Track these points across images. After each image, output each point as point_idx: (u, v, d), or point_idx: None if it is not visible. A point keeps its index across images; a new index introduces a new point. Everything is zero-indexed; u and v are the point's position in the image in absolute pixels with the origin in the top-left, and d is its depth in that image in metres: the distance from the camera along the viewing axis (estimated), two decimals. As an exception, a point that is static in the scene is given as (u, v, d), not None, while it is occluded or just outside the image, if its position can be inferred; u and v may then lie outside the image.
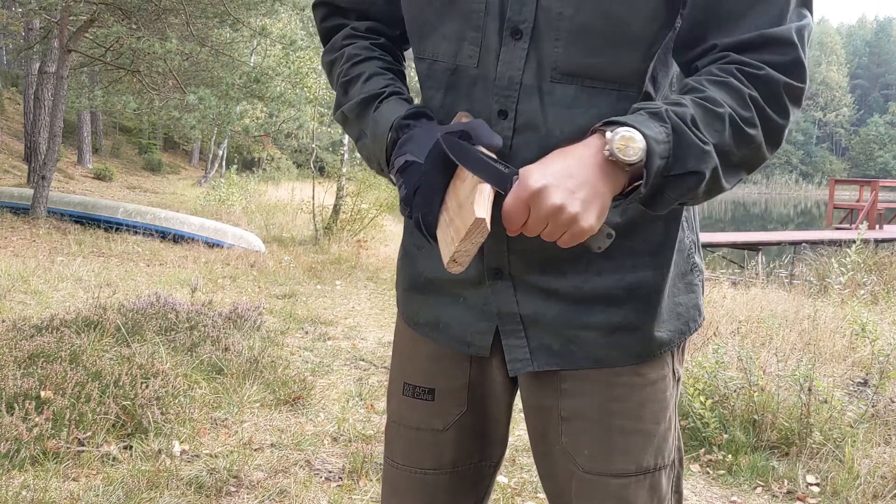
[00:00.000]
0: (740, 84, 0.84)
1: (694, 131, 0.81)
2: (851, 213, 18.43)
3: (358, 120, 1.02)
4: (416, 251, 1.09)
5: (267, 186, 20.51)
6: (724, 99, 0.83)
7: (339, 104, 1.06)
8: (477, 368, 1.07)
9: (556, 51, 0.90)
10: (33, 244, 8.03)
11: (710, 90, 0.84)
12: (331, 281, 7.46)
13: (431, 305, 1.07)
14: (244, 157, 29.39)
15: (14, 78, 25.13)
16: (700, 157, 0.82)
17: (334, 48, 1.09)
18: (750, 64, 0.85)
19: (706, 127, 0.82)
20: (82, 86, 13.16)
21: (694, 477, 2.98)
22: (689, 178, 0.82)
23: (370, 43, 1.08)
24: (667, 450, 1.02)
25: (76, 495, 2.42)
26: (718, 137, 0.83)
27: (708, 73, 0.87)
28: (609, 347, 0.98)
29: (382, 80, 1.02)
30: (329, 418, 3.35)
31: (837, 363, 4.30)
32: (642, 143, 0.79)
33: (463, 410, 1.08)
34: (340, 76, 1.06)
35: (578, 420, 1.00)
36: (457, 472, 1.10)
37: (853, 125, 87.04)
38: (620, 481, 0.99)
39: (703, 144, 0.81)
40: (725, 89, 0.84)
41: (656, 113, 0.82)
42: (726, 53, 0.87)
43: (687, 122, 0.81)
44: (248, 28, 10.49)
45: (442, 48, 0.98)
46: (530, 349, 1.00)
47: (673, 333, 1.02)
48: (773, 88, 0.85)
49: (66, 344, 3.45)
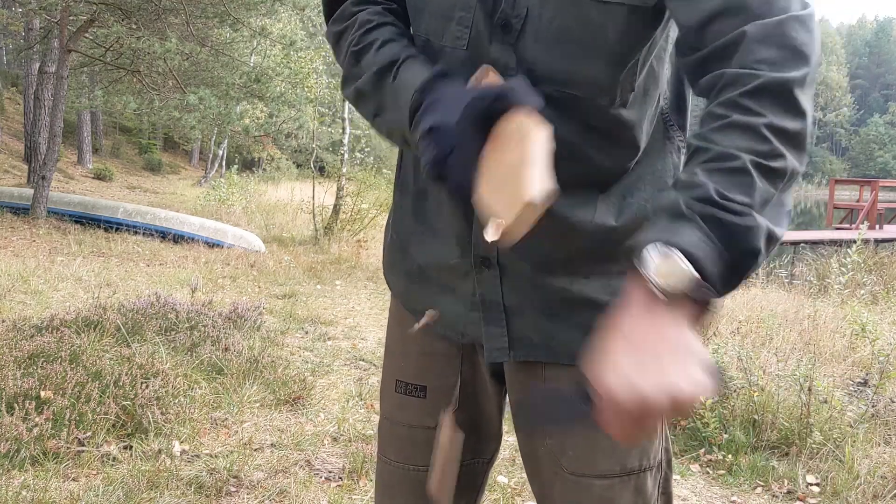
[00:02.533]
0: (747, 117, 0.74)
1: (726, 209, 0.70)
2: (851, 213, 18.42)
3: (375, 92, 0.94)
4: (407, 236, 1.08)
5: (267, 186, 20.50)
6: (736, 146, 0.73)
7: (352, 77, 0.97)
8: (469, 366, 1.08)
9: (535, 53, 0.89)
10: (33, 244, 8.03)
11: (718, 144, 0.74)
12: (331, 281, 7.46)
13: (426, 294, 1.07)
14: (244, 157, 29.38)
15: (14, 78, 25.13)
16: (745, 234, 0.70)
17: (343, 16, 1.01)
18: (746, 77, 0.75)
19: (733, 192, 0.71)
20: (82, 86, 13.17)
21: (694, 477, 2.98)
22: (749, 259, 0.71)
23: (382, 7, 1.01)
24: (652, 451, 1.02)
25: (76, 495, 2.42)
26: (749, 192, 0.71)
27: (710, 117, 0.77)
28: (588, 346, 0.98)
29: (397, 46, 0.94)
30: (329, 418, 3.35)
31: (837, 363, 4.30)
32: (685, 264, 0.67)
33: (455, 408, 1.08)
34: (351, 45, 0.97)
35: None
36: None
37: (853, 125, 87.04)
38: (604, 482, 0.99)
39: (742, 217, 0.70)
40: (734, 132, 0.74)
41: (678, 213, 0.71)
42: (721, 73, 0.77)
43: (715, 202, 0.70)
44: (248, 28, 10.49)
45: (432, 25, 0.94)
46: (510, 339, 1.00)
47: None
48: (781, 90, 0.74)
49: (66, 344, 3.45)
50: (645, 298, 0.68)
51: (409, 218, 1.07)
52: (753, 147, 0.72)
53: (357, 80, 0.96)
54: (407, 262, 1.09)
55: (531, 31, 0.88)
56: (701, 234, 0.69)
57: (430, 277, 1.06)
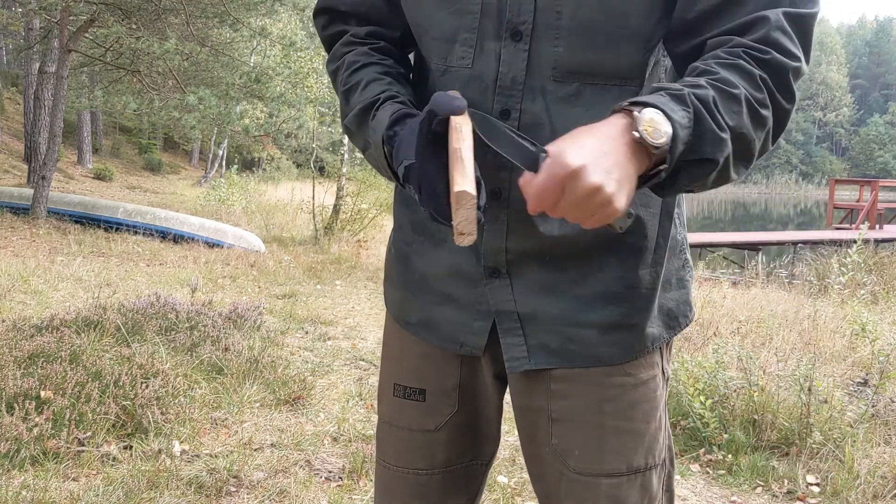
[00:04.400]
0: (750, 66, 0.83)
1: (713, 117, 0.80)
2: (851, 213, 18.43)
3: (360, 131, 1.01)
4: (407, 248, 1.09)
5: (267, 186, 20.51)
6: (737, 80, 0.82)
7: (343, 115, 1.05)
8: (467, 368, 1.08)
9: (557, 49, 0.91)
10: (33, 244, 8.03)
11: (723, 72, 0.82)
12: (331, 281, 7.46)
13: (423, 304, 1.07)
14: (244, 157, 29.40)
15: (14, 78, 25.13)
16: (716, 144, 0.80)
17: (336, 57, 1.08)
18: (755, 48, 0.84)
19: (725, 110, 0.80)
20: (82, 86, 13.17)
21: (694, 477, 2.98)
22: (704, 165, 0.81)
23: (369, 48, 1.06)
24: (657, 449, 1.02)
25: (76, 495, 2.42)
26: (737, 120, 0.81)
27: (714, 56, 0.85)
28: (606, 345, 0.98)
29: (378, 87, 1.00)
30: (329, 418, 3.35)
31: (837, 363, 4.30)
32: (669, 128, 0.76)
33: (454, 410, 1.08)
34: (342, 85, 1.05)
35: (569, 421, 1.00)
36: (449, 472, 1.11)
37: (853, 125, 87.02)
38: (611, 481, 0.99)
39: (720, 132, 0.80)
40: (737, 71, 0.83)
41: (679, 96, 0.79)
42: (729, 38, 0.86)
43: (709, 106, 0.80)
44: (248, 28, 10.49)
45: (433, 49, 0.98)
46: (528, 347, 1.00)
47: (664, 329, 1.02)
48: (781, 72, 0.84)
49: (66, 344, 3.45)
50: (622, 131, 0.77)
51: (410, 231, 1.08)
52: (750, 90, 0.82)
53: (346, 118, 1.03)
54: (407, 272, 1.09)
55: (546, 32, 0.90)
56: (688, 120, 0.78)
57: (430, 288, 1.06)
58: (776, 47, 0.84)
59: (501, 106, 0.94)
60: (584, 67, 0.91)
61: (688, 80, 0.83)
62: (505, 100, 0.93)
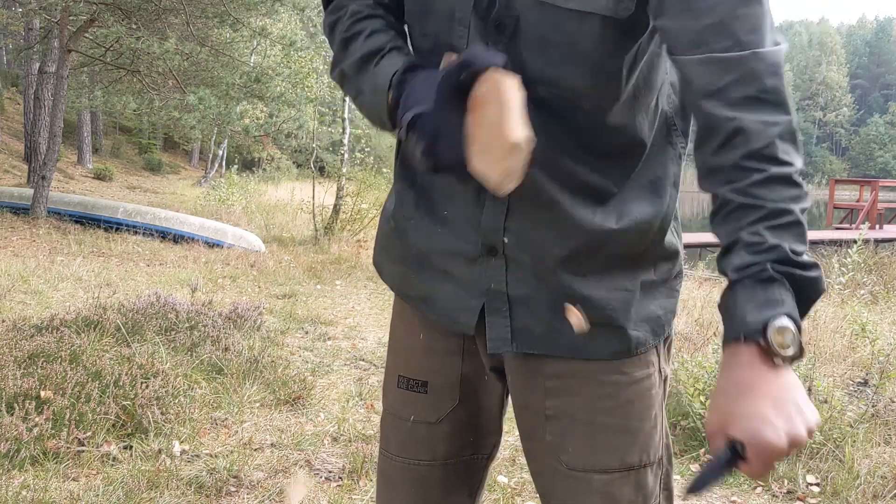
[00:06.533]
0: (781, 168, 0.82)
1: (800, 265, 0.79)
2: (851, 213, 18.43)
3: (357, 76, 1.00)
4: (406, 223, 1.08)
5: (267, 186, 20.51)
6: (783, 199, 0.81)
7: (339, 61, 1.03)
8: (469, 362, 1.09)
9: (525, 55, 0.91)
10: (33, 244, 8.03)
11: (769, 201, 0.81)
12: (331, 281, 7.46)
13: (422, 280, 1.07)
14: (244, 157, 29.38)
15: (14, 78, 25.13)
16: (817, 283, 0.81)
17: (338, 7, 1.07)
18: (764, 129, 0.82)
19: (798, 245, 0.80)
20: (82, 86, 13.16)
21: (694, 477, 2.98)
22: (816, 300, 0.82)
23: (374, 1, 1.05)
24: (653, 447, 1.03)
25: (76, 495, 2.42)
26: (805, 241, 0.82)
27: (741, 170, 0.82)
28: (588, 340, 0.99)
29: (384, 37, 1.00)
30: (329, 418, 3.35)
31: (837, 363, 4.30)
32: (795, 331, 0.77)
33: (455, 403, 1.09)
34: (342, 32, 1.03)
35: (564, 418, 1.01)
36: (450, 464, 1.12)
37: (853, 125, 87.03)
38: (604, 477, 1.00)
39: (812, 270, 0.80)
40: (777, 185, 0.81)
41: (768, 278, 0.79)
42: (733, 116, 0.83)
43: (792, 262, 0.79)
44: (248, 28, 10.49)
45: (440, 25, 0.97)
46: (512, 329, 1.01)
47: (650, 334, 1.03)
48: (794, 135, 0.83)
49: (66, 344, 3.45)
50: (759, 363, 0.78)
51: (410, 206, 1.07)
52: (794, 195, 0.81)
53: (343, 63, 1.02)
54: (405, 248, 1.09)
55: (522, 34, 0.91)
56: (791, 295, 0.78)
57: (429, 264, 1.06)
58: (744, 113, 0.82)
59: None
60: (544, 77, 0.91)
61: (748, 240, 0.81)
62: None
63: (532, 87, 0.87)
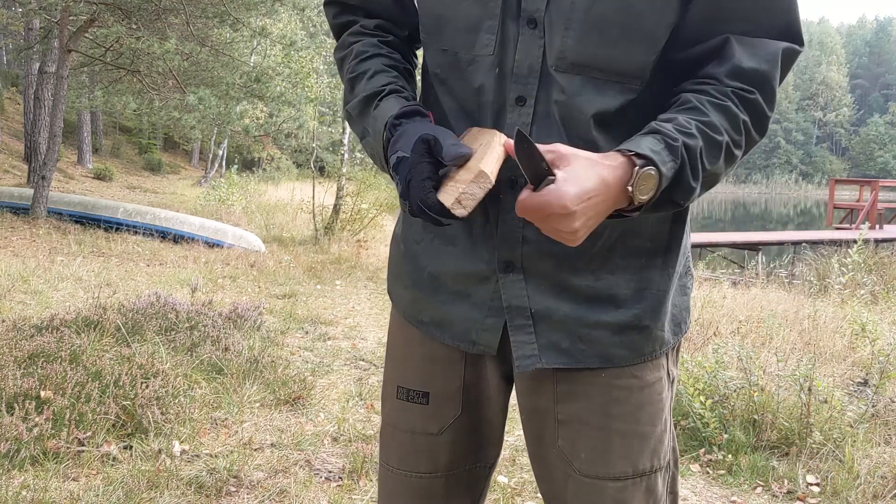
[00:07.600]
0: (737, 109, 0.90)
1: (694, 169, 0.87)
2: (851, 213, 18.43)
3: (360, 118, 1.02)
4: (416, 246, 1.08)
5: (267, 186, 20.50)
6: (722, 124, 0.89)
7: (346, 101, 1.07)
8: (472, 370, 1.07)
9: (566, 41, 0.91)
10: (33, 244, 8.03)
11: (712, 115, 0.89)
12: (331, 281, 7.46)
13: (435, 303, 1.06)
14: (244, 157, 29.39)
15: (14, 78, 25.12)
16: (687, 193, 0.88)
17: (344, 45, 1.10)
18: (745, 89, 0.90)
19: (707, 157, 0.88)
20: (82, 86, 13.16)
21: (694, 477, 2.98)
22: (669, 205, 0.89)
23: (378, 40, 1.07)
24: (662, 451, 1.02)
25: (76, 495, 2.42)
26: (713, 164, 0.89)
27: (706, 94, 0.91)
28: (618, 346, 0.98)
29: (385, 78, 1.02)
30: (329, 418, 3.35)
31: (837, 363, 4.30)
32: (656, 183, 0.84)
33: (458, 413, 1.07)
34: (348, 73, 1.06)
35: (576, 423, 1.00)
36: (452, 475, 1.10)
37: (853, 125, 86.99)
38: (617, 484, 0.99)
39: (694, 182, 0.88)
40: (725, 114, 0.89)
41: (673, 147, 0.85)
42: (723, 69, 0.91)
43: (694, 159, 0.87)
44: (248, 28, 10.49)
45: (458, 40, 0.97)
46: (538, 346, 0.99)
47: (670, 333, 1.03)
48: (761, 115, 0.92)
49: (66, 344, 3.45)
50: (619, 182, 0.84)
51: (419, 229, 1.07)
52: (732, 134, 0.90)
53: (349, 104, 1.06)
54: (416, 272, 1.08)
55: (560, 21, 0.91)
56: (672, 171, 0.85)
57: (441, 286, 1.05)
58: (762, 88, 0.91)
59: (517, 93, 0.94)
60: (591, 61, 0.91)
61: (682, 125, 0.88)
62: (521, 87, 0.94)
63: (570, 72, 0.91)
